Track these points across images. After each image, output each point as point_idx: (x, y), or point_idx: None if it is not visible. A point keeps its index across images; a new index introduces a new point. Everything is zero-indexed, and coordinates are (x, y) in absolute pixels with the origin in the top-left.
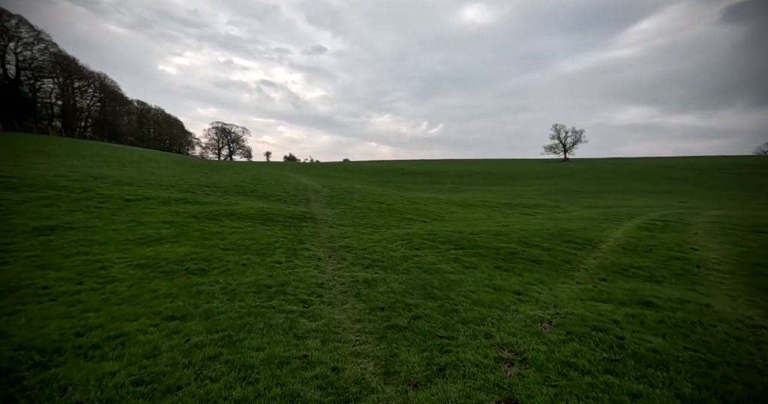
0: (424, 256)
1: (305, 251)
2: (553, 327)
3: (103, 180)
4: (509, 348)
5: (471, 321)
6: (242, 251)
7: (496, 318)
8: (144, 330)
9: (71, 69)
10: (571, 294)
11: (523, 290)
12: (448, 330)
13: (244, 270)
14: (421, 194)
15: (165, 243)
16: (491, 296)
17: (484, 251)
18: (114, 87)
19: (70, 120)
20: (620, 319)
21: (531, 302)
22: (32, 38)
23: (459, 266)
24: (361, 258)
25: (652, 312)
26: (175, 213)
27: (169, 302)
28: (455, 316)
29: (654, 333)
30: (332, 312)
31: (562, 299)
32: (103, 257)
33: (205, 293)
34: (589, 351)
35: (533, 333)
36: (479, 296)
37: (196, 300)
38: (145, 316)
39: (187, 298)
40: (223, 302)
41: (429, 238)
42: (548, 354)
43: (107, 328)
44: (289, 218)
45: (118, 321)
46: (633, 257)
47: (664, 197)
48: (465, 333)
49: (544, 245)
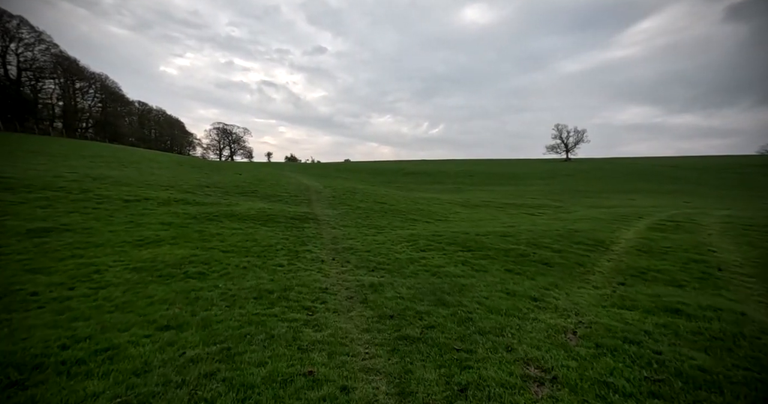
0: (430, 258)
1: (308, 253)
2: (579, 339)
3: (102, 181)
4: (535, 364)
5: (489, 332)
6: (243, 253)
7: (515, 328)
8: (136, 341)
9: (72, 70)
10: (590, 300)
11: (539, 296)
12: (465, 341)
13: (245, 274)
14: (424, 195)
15: (163, 245)
16: (506, 302)
17: (493, 253)
18: (115, 88)
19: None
20: (651, 329)
21: (550, 309)
22: (33, 39)
23: (468, 269)
24: (366, 261)
25: (684, 321)
26: (175, 214)
27: (164, 309)
28: (471, 325)
29: (694, 346)
30: (338, 320)
31: (582, 305)
32: (98, 261)
33: (204, 299)
34: (626, 368)
35: (558, 345)
36: (494, 302)
37: (194, 307)
38: (138, 325)
39: (184, 305)
40: (222, 309)
41: (434, 239)
42: (580, 371)
43: (96, 340)
44: (290, 219)
45: (109, 331)
46: (650, 260)
47: (668, 197)
48: (484, 346)
49: (554, 247)
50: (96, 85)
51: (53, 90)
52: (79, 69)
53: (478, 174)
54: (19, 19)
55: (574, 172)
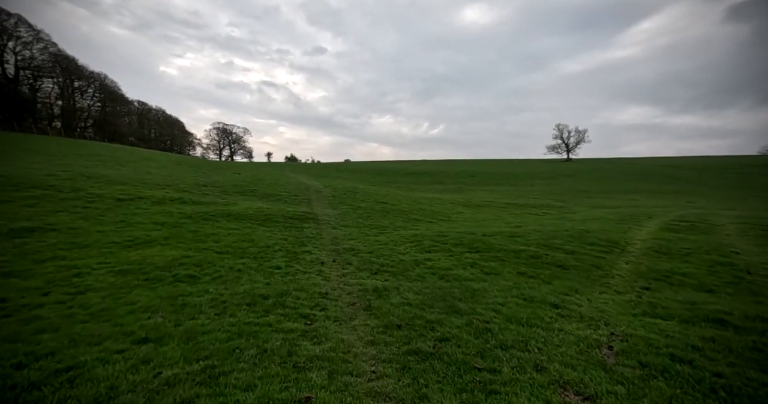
0: (437, 260)
1: (307, 254)
2: (617, 355)
3: (96, 180)
4: (574, 389)
5: (512, 346)
6: (238, 254)
7: (540, 341)
8: (106, 358)
9: (71, 69)
10: (617, 307)
11: (559, 302)
12: (486, 358)
13: (239, 277)
14: (425, 194)
15: (154, 246)
16: (525, 310)
17: (503, 255)
18: (114, 87)
19: (70, 120)
20: (699, 344)
21: (574, 317)
22: (31, 37)
23: (478, 271)
24: (368, 263)
25: (734, 334)
26: (169, 213)
27: (146, 318)
28: (490, 338)
29: (757, 366)
30: (339, 330)
31: (609, 313)
32: (81, 263)
33: (191, 305)
34: (687, 397)
35: (595, 363)
36: (511, 310)
37: (179, 316)
38: (112, 338)
39: (169, 313)
40: (210, 317)
41: (439, 240)
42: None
43: (59, 357)
44: (289, 218)
45: (78, 345)
46: (672, 262)
47: (671, 197)
48: (509, 364)
49: (566, 248)
50: (95, 85)
51: (52, 89)
52: (77, 68)
53: (479, 174)
54: (17, 18)
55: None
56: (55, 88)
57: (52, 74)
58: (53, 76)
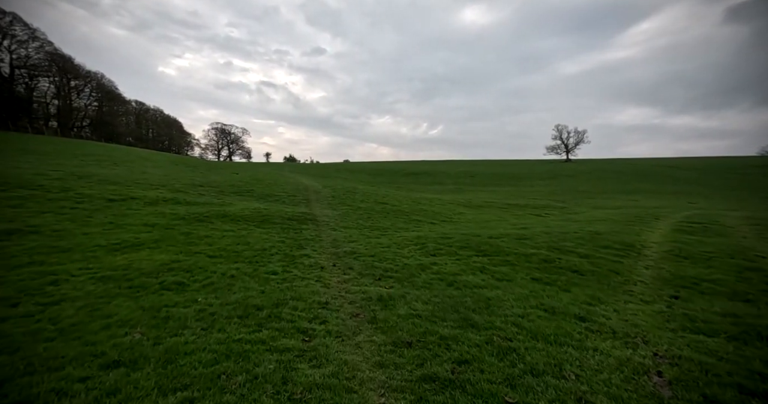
0: (443, 264)
1: (305, 258)
2: (671, 385)
3: (87, 179)
4: None
5: (544, 371)
6: (232, 258)
7: (575, 364)
8: (64, 389)
9: (67, 68)
10: (650, 320)
11: (585, 314)
12: (516, 388)
13: (232, 284)
14: (425, 195)
15: (142, 249)
16: (549, 323)
17: (513, 259)
18: (111, 87)
19: (66, 120)
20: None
21: (606, 333)
22: (26, 36)
23: (489, 277)
24: (371, 267)
25: None
26: (161, 214)
27: (122, 334)
28: (517, 360)
29: None
30: (342, 349)
31: (643, 328)
32: (60, 268)
33: (176, 318)
34: None
35: (647, 395)
36: (534, 323)
37: (160, 331)
38: (77, 361)
39: (149, 328)
40: (196, 333)
41: (444, 242)
42: None
43: (6, 389)
44: (287, 219)
45: (35, 371)
46: (695, 267)
47: (671, 198)
48: (546, 396)
49: (579, 252)
50: (92, 84)
51: (48, 89)
52: (73, 67)
53: (479, 175)
54: (12, 16)
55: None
56: (51, 87)
57: (48, 73)
58: (49, 76)
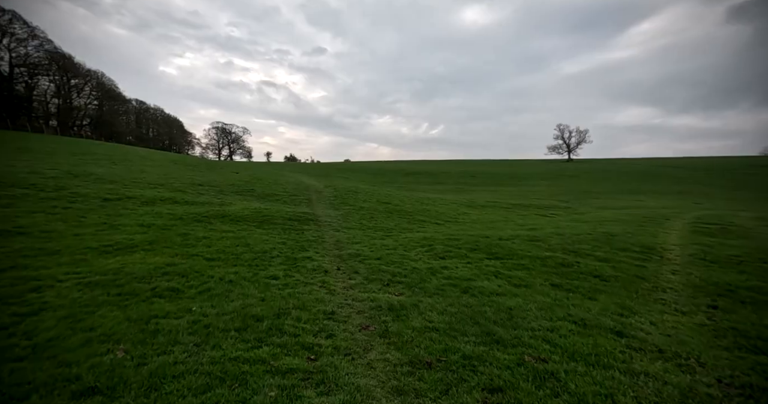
0: (454, 268)
1: (308, 261)
2: None
3: (83, 178)
4: None
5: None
6: (231, 261)
7: (629, 394)
8: None
9: (67, 66)
10: (695, 336)
11: (621, 328)
12: None
13: (230, 291)
14: (428, 195)
15: (136, 252)
16: (584, 339)
17: (528, 262)
18: (111, 85)
19: (66, 119)
20: None
21: (651, 352)
22: (26, 34)
23: (505, 283)
24: (378, 271)
25: None
26: (158, 215)
27: (103, 351)
28: (559, 389)
29: None
30: (353, 370)
31: (691, 345)
32: (45, 273)
33: (166, 332)
34: None
35: None
36: (567, 339)
37: (147, 349)
38: (47, 387)
39: (135, 343)
40: (187, 350)
41: (452, 244)
42: None
43: None
44: (289, 220)
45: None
46: (727, 273)
47: (676, 198)
48: None
49: (597, 255)
50: (92, 83)
51: (47, 87)
52: (73, 65)
53: (480, 175)
54: (11, 14)
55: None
56: (51, 86)
57: (48, 72)
58: (49, 74)
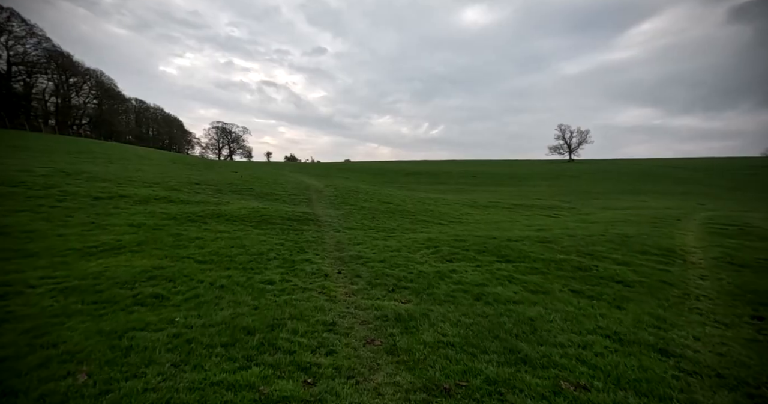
0: (463, 272)
1: (307, 263)
2: None
3: (75, 176)
4: None
5: None
6: (224, 264)
7: None
8: None
9: (65, 65)
10: (754, 356)
11: (662, 343)
12: None
13: (220, 297)
14: (429, 195)
15: (123, 253)
16: (626, 360)
17: (542, 266)
18: (111, 84)
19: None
20: None
21: (709, 376)
22: (24, 32)
23: (521, 289)
24: (382, 275)
25: None
26: (151, 214)
27: (62, 374)
28: None
29: None
30: (358, 398)
31: (752, 367)
32: (17, 277)
33: (140, 349)
34: None
35: None
36: (605, 359)
37: (113, 371)
38: None
39: (102, 363)
40: (163, 371)
41: (458, 246)
42: None
43: None
44: (287, 220)
45: None
46: (761, 279)
47: (679, 199)
48: None
49: (615, 258)
50: (91, 82)
51: (46, 86)
52: (72, 64)
53: (481, 175)
54: (9, 12)
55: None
56: (49, 84)
57: (47, 70)
58: (48, 73)
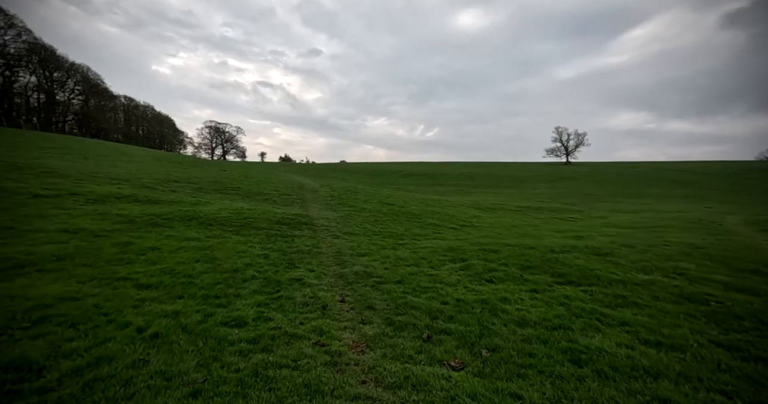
0: (518, 302)
1: (297, 286)
2: None
3: (25, 171)
4: None
5: None
6: (177, 290)
7: None
8: None
9: (48, 59)
10: None
11: None
12: None
13: (140, 366)
14: (430, 196)
15: (28, 274)
16: None
17: (627, 292)
18: (97, 80)
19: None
20: None
21: None
22: (2, 23)
23: (631, 339)
24: (404, 306)
25: None
26: (101, 216)
27: None
28: None
29: None
30: None
31: None
32: None
33: None
34: None
35: None
36: None
37: None
38: None
39: None
40: None
41: (492, 258)
42: None
43: None
44: (276, 223)
45: None
46: None
47: (684, 202)
48: None
49: (718, 279)
50: (76, 77)
51: (27, 81)
52: (55, 58)
53: (478, 177)
54: None
55: (577, 175)
56: (31, 78)
57: (28, 64)
58: (29, 67)
